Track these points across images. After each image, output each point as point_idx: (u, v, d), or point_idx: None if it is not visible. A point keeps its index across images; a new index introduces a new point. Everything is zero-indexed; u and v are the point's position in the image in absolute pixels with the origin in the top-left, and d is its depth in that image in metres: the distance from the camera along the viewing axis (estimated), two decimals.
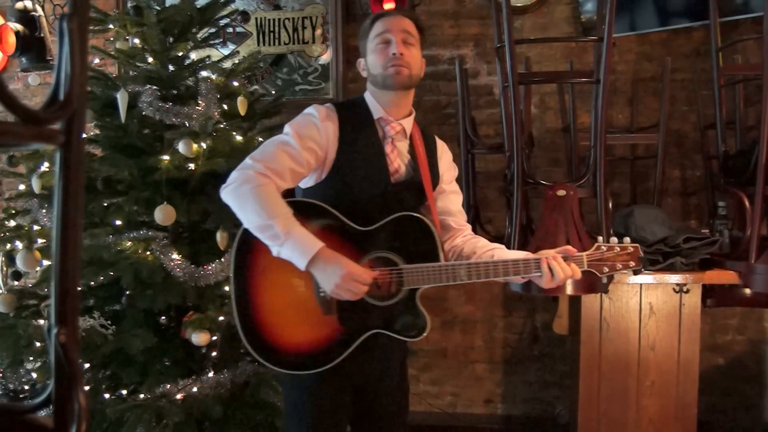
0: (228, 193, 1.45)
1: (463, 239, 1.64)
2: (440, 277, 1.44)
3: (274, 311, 1.49)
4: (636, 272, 1.52)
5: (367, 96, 1.59)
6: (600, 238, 1.53)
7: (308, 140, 1.48)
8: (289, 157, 1.46)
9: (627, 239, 1.51)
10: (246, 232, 1.45)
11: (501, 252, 1.55)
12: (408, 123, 1.59)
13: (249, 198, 1.40)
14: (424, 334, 1.47)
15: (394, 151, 1.56)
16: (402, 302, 1.47)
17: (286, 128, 1.51)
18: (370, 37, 1.53)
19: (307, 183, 1.56)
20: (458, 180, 1.76)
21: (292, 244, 1.37)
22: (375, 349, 1.53)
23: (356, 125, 1.54)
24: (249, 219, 1.41)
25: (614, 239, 1.51)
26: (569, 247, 1.49)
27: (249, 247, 1.46)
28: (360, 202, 1.50)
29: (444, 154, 1.68)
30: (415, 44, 1.53)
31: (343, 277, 1.36)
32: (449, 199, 1.66)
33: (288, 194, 1.54)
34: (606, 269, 1.48)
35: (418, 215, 1.48)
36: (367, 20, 1.57)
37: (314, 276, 1.40)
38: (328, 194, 1.52)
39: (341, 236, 1.47)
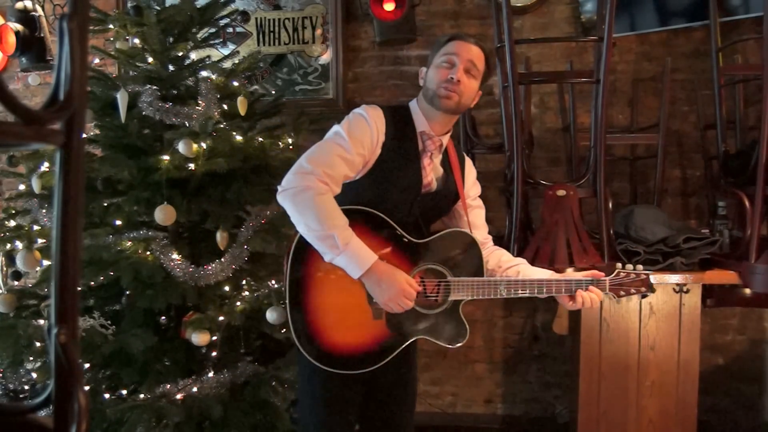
0: (286, 198, 1.48)
1: (487, 252, 1.71)
2: (484, 291, 1.57)
3: (326, 313, 1.57)
4: (644, 296, 1.66)
5: (413, 106, 1.64)
6: (619, 265, 1.63)
7: (360, 145, 1.52)
8: (345, 164, 1.51)
9: (639, 266, 1.62)
10: (302, 237, 1.51)
11: (524, 268, 1.65)
12: (446, 139, 1.66)
13: (309, 206, 1.44)
14: (464, 342, 1.61)
15: (431, 164, 1.64)
16: (447, 312, 1.59)
17: (341, 130, 1.54)
18: (440, 53, 1.58)
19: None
20: None
21: (349, 255, 1.44)
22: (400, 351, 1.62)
23: (399, 133, 1.59)
24: (308, 227, 1.45)
25: (629, 266, 1.62)
26: (596, 272, 1.59)
27: (305, 250, 1.52)
28: (388, 207, 1.56)
29: (471, 171, 1.77)
30: (477, 77, 1.59)
31: (396, 293, 1.47)
32: (474, 213, 1.74)
33: None
34: (622, 293, 1.60)
35: (468, 232, 1.61)
36: (444, 35, 1.62)
37: (366, 286, 1.50)
38: (361, 192, 1.57)
39: (395, 246, 1.57)
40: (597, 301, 1.56)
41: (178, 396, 2.01)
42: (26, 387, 2.21)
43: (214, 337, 2.09)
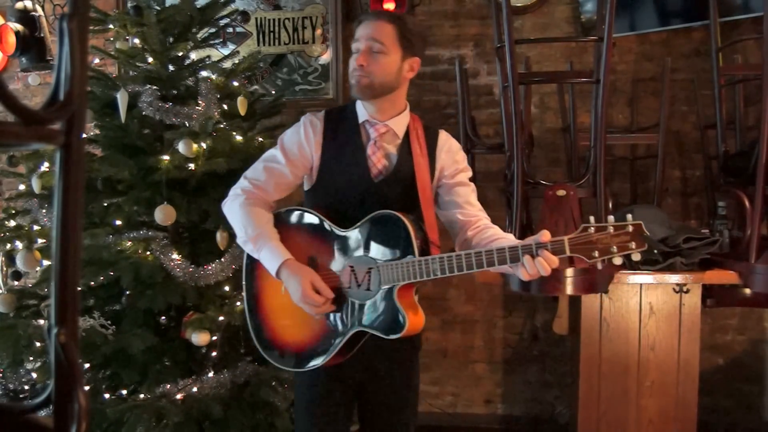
0: (225, 208, 1.61)
1: (474, 231, 1.57)
2: (414, 273, 1.42)
3: (274, 313, 1.62)
4: (642, 254, 1.31)
5: (358, 101, 1.61)
6: (592, 218, 1.34)
7: (291, 153, 1.59)
8: (274, 172, 1.59)
9: (629, 216, 1.33)
10: None
11: (500, 243, 1.45)
12: (398, 123, 1.59)
13: (233, 215, 1.57)
14: (402, 332, 1.44)
15: (377, 152, 1.57)
16: (380, 300, 1.48)
17: (278, 140, 1.63)
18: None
19: (306, 186, 1.67)
20: None
21: (264, 257, 1.52)
22: (376, 347, 1.55)
23: (340, 131, 1.60)
24: (237, 233, 1.58)
25: (611, 218, 1.33)
26: (545, 232, 1.34)
27: (254, 261, 1.61)
28: (344, 202, 1.57)
29: (446, 146, 1.64)
30: (386, 51, 1.49)
31: (300, 297, 1.47)
32: (454, 192, 1.61)
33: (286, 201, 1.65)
34: (596, 253, 1.30)
35: (392, 212, 1.47)
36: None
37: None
38: (319, 196, 1.62)
39: (324, 240, 1.56)
40: (547, 268, 1.30)
41: (178, 396, 2.01)
42: (26, 387, 2.21)
43: (214, 337, 2.09)
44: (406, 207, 1.52)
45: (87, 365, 2.09)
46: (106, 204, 2.18)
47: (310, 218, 1.58)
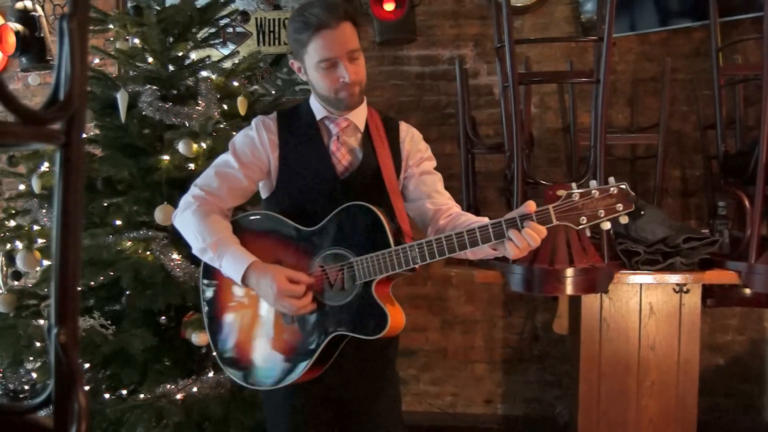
0: (176, 220, 1.49)
1: (446, 219, 1.49)
2: (392, 264, 1.34)
3: (241, 328, 1.50)
4: (631, 216, 1.27)
5: (312, 100, 1.54)
6: (574, 185, 1.28)
7: (245, 156, 1.49)
8: (227, 177, 1.48)
9: (611, 179, 1.28)
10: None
11: (480, 223, 1.36)
12: (358, 115, 1.51)
13: (187, 224, 1.44)
14: (385, 330, 1.35)
15: (341, 148, 1.50)
16: (358, 298, 1.38)
17: (229, 145, 1.52)
18: (309, 53, 1.41)
19: (264, 193, 1.57)
20: (458, 180, 1.72)
21: (226, 263, 1.40)
22: (351, 357, 1.47)
23: (297, 130, 1.51)
24: (191, 243, 1.45)
25: (593, 182, 1.28)
26: (530, 203, 1.29)
27: (211, 271, 1.50)
28: (311, 203, 1.47)
29: (408, 136, 1.57)
30: (360, 54, 1.43)
31: (275, 295, 1.35)
32: (420, 181, 1.54)
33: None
34: (584, 219, 1.25)
35: (362, 203, 1.40)
36: (298, 21, 1.40)
37: (255, 291, 1.41)
38: (283, 201, 1.52)
39: (290, 240, 1.46)
40: (536, 239, 1.25)
41: (178, 396, 2.01)
42: (26, 387, 2.21)
43: None
44: (374, 201, 1.43)
45: (87, 365, 2.09)
46: (106, 204, 2.18)
47: (272, 220, 1.49)
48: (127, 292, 2.13)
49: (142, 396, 2.02)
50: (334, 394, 1.53)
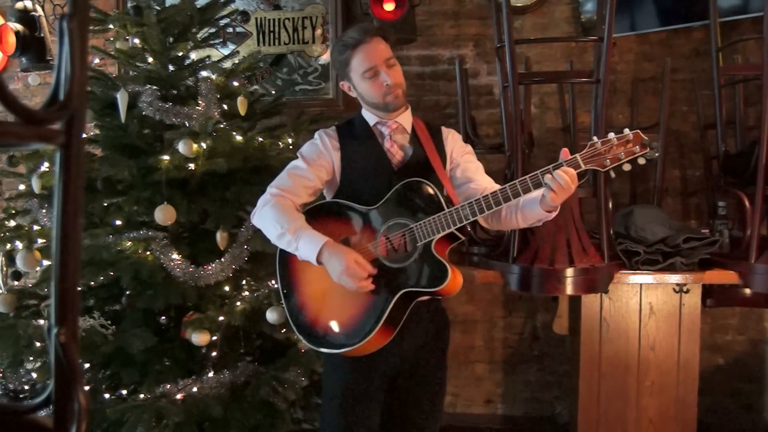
0: (255, 218, 1.69)
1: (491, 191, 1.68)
2: (447, 222, 1.52)
3: (316, 301, 1.66)
4: (648, 157, 1.43)
5: (364, 111, 1.76)
6: (595, 138, 1.47)
7: (313, 160, 1.70)
8: (298, 177, 1.69)
9: (626, 130, 1.45)
10: None
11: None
12: (404, 119, 1.74)
13: (266, 216, 1.63)
14: (446, 281, 1.52)
15: (394, 145, 1.72)
16: (420, 257, 1.56)
17: (297, 154, 1.75)
18: (354, 68, 1.65)
19: (329, 194, 1.78)
20: None
21: (303, 245, 1.57)
22: (409, 323, 1.62)
23: (357, 137, 1.73)
24: (270, 233, 1.64)
25: (611, 133, 1.45)
26: (564, 150, 1.48)
27: (286, 256, 1.68)
28: (372, 194, 1.66)
29: (450, 136, 1.78)
30: (396, 61, 1.67)
31: (342, 270, 1.53)
32: (465, 168, 1.73)
33: None
34: (608, 162, 1.44)
35: (414, 178, 1.60)
36: (339, 46, 1.68)
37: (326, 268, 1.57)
38: (345, 197, 1.71)
39: (355, 220, 1.66)
40: (567, 180, 1.41)
41: (178, 396, 2.01)
42: (26, 387, 2.21)
43: (214, 337, 2.09)
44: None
45: (87, 365, 2.10)
46: (106, 204, 2.18)
47: (337, 205, 1.69)
48: (127, 292, 2.13)
49: (142, 396, 2.02)
50: (390, 369, 1.68)
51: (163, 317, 2.21)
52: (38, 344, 2.09)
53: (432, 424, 1.76)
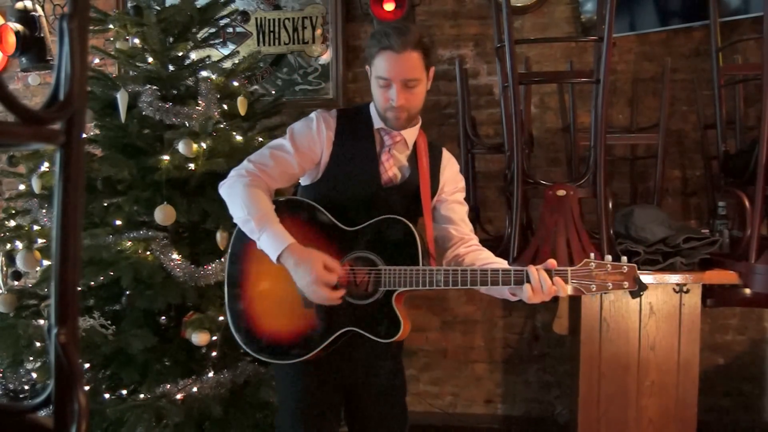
0: (223, 189, 1.56)
1: (467, 249, 1.62)
2: (417, 281, 1.45)
3: (259, 300, 1.57)
4: (633, 295, 1.41)
5: (372, 106, 1.61)
6: (592, 255, 1.43)
7: (301, 145, 1.57)
8: (281, 160, 1.56)
9: (624, 258, 1.41)
10: (239, 230, 1.56)
11: (501, 266, 1.50)
12: (410, 134, 1.62)
13: (235, 194, 1.51)
14: (396, 337, 1.47)
15: (390, 159, 1.60)
16: (378, 303, 1.48)
17: (287, 131, 1.61)
18: (374, 67, 1.51)
19: (305, 181, 1.65)
20: None
21: (265, 239, 1.45)
22: (359, 346, 1.56)
23: (354, 132, 1.59)
24: (234, 213, 1.52)
25: (609, 257, 1.42)
26: (552, 260, 1.42)
27: (244, 240, 1.55)
28: (349, 203, 1.56)
29: (449, 165, 1.69)
30: (420, 83, 1.51)
31: (312, 280, 1.41)
32: (450, 208, 1.66)
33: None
34: (594, 287, 1.38)
35: (402, 219, 1.50)
36: (374, 37, 1.51)
37: (289, 271, 1.45)
38: (321, 193, 1.60)
39: (326, 234, 1.54)
40: (556, 289, 1.36)
41: (178, 396, 2.01)
42: (26, 387, 2.21)
43: (214, 337, 2.09)
44: (409, 217, 1.55)
45: (87, 365, 2.09)
46: (106, 204, 2.18)
47: (313, 211, 1.57)
48: (127, 292, 2.13)
49: (142, 396, 2.02)
50: (344, 380, 1.63)
51: (163, 317, 2.21)
52: (38, 344, 2.08)
53: (402, 426, 1.71)
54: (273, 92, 3.17)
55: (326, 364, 1.57)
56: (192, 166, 2.11)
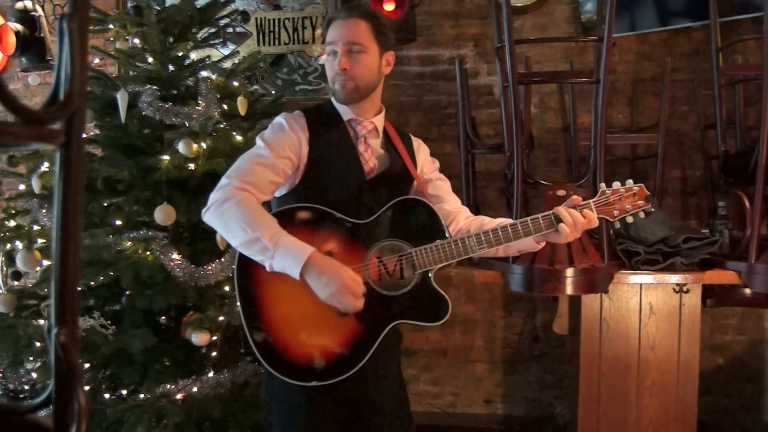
0: (210, 215, 1.42)
1: (467, 220, 1.60)
2: (452, 253, 1.41)
3: (288, 325, 1.43)
4: (647, 213, 1.46)
5: (333, 100, 1.57)
6: (603, 184, 1.49)
7: (281, 149, 1.46)
8: (265, 168, 1.44)
9: (630, 181, 1.48)
10: (241, 254, 1.42)
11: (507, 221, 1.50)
12: (379, 120, 1.59)
13: (231, 215, 1.36)
14: (447, 316, 1.43)
15: (368, 149, 1.56)
16: (417, 287, 1.44)
17: (258, 140, 1.50)
18: (326, 38, 1.50)
19: (282, 191, 1.54)
20: (458, 180, 1.75)
21: (283, 254, 1.33)
22: (368, 361, 1.46)
23: (327, 128, 1.52)
24: (235, 236, 1.37)
25: (617, 183, 1.47)
26: (576, 197, 1.46)
27: (249, 267, 1.42)
28: (336, 201, 1.48)
29: (421, 147, 1.68)
30: (365, 51, 1.46)
31: (338, 288, 1.33)
32: (436, 186, 1.65)
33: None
34: (616, 213, 1.44)
35: (417, 197, 1.49)
36: (326, 20, 1.53)
37: (310, 285, 1.35)
38: (305, 197, 1.50)
39: (340, 233, 1.45)
40: (588, 222, 1.40)
41: (178, 396, 2.01)
42: (26, 387, 2.21)
43: (214, 337, 2.09)
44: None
45: (87, 365, 2.09)
46: (106, 204, 2.18)
47: (316, 213, 1.46)
48: (127, 292, 2.13)
49: (142, 396, 2.02)
50: (348, 394, 1.52)
51: (163, 317, 2.21)
52: (38, 344, 2.09)
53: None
54: (273, 92, 3.17)
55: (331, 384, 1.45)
56: (192, 166, 2.11)
